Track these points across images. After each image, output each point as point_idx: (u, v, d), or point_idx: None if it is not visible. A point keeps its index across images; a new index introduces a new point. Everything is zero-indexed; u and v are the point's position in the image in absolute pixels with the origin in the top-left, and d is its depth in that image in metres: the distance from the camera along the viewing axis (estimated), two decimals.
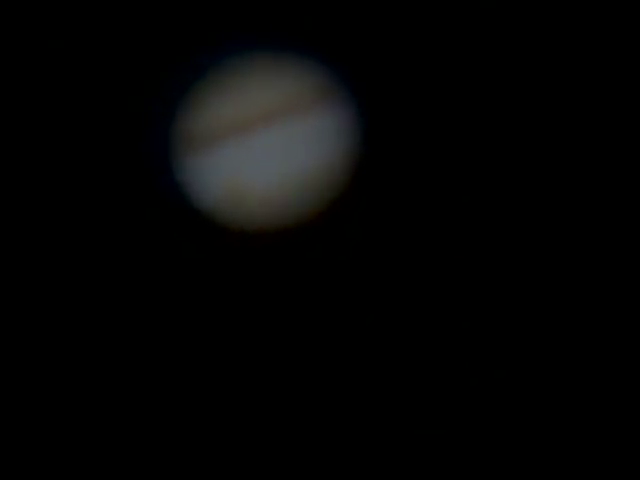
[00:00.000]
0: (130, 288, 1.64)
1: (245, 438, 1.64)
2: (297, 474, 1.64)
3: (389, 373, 1.66)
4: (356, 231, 1.65)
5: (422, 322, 1.66)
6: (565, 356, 1.66)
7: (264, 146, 1.62)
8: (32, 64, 1.62)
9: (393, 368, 1.66)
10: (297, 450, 1.64)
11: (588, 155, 1.67)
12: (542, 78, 1.66)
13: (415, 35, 1.65)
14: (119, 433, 1.63)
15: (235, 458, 1.64)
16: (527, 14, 1.66)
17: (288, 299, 1.65)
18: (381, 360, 1.66)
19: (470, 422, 1.65)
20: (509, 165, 1.66)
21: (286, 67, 1.63)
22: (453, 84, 1.66)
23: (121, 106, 1.63)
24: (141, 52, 1.63)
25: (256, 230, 1.63)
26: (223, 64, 1.62)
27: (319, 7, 1.63)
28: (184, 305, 1.64)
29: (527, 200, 1.67)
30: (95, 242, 1.64)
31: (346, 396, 1.65)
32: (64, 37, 1.62)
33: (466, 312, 1.66)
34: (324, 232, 1.64)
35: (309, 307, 1.65)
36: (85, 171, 1.64)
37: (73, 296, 1.64)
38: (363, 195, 1.64)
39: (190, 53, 1.63)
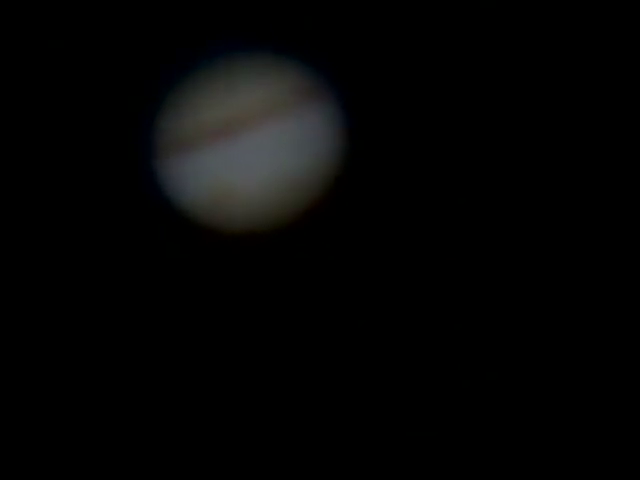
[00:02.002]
0: (116, 290, 1.65)
1: (239, 438, 1.65)
2: (297, 474, 1.64)
3: (381, 375, 1.66)
4: (342, 232, 1.65)
5: (412, 322, 1.66)
6: (565, 356, 1.65)
7: (249, 148, 1.62)
8: (28, 62, 1.64)
9: (385, 370, 1.66)
10: (297, 450, 1.64)
11: (588, 155, 1.66)
12: (529, 71, 1.66)
13: (400, 35, 1.64)
14: (115, 434, 1.65)
15: (235, 458, 1.65)
16: (515, 11, 1.65)
17: (274, 301, 1.65)
18: (371, 361, 1.66)
19: (470, 422, 1.64)
20: (498, 173, 1.66)
21: (271, 68, 1.63)
22: (439, 82, 1.65)
23: (107, 108, 1.64)
24: (126, 55, 1.64)
25: (242, 232, 1.64)
26: (208, 66, 1.63)
27: (304, 8, 1.63)
28: (170, 307, 1.65)
29: (521, 198, 1.66)
30: (81, 245, 1.65)
31: (337, 398, 1.66)
32: (52, 38, 1.63)
33: (460, 311, 1.66)
34: (309, 234, 1.64)
35: (295, 309, 1.65)
36: (71, 173, 1.65)
37: (58, 297, 1.65)
38: (349, 196, 1.64)
39: (175, 55, 1.63)
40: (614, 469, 1.62)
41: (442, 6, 1.63)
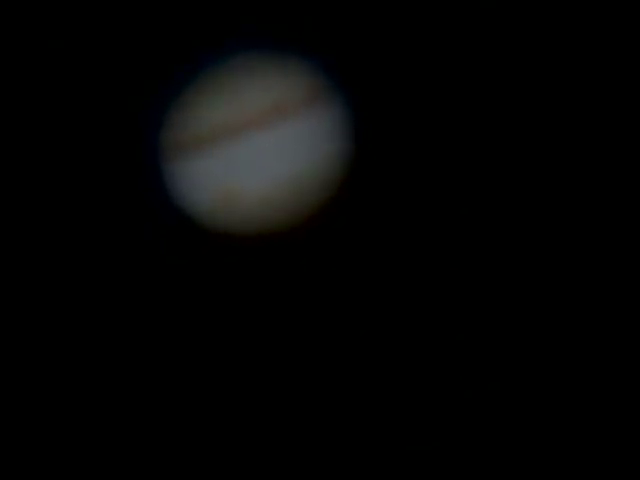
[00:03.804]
0: (122, 293, 1.64)
1: (239, 438, 1.65)
2: (297, 474, 1.64)
3: (385, 375, 1.66)
4: (349, 232, 1.65)
5: (418, 323, 1.66)
6: (565, 356, 1.65)
7: (256, 149, 1.62)
8: (29, 63, 1.63)
9: (389, 370, 1.66)
10: (297, 450, 1.64)
11: (588, 155, 1.66)
12: (533, 72, 1.67)
13: (407, 36, 1.65)
14: (117, 433, 1.64)
15: (235, 458, 1.64)
16: (519, 11, 1.66)
17: (280, 302, 1.65)
18: (376, 361, 1.66)
19: (470, 423, 1.65)
20: (502, 174, 1.66)
21: (278, 69, 1.63)
22: (445, 83, 1.66)
23: (112, 111, 1.64)
24: (133, 56, 1.64)
25: (248, 233, 1.64)
26: (214, 67, 1.63)
27: (312, 9, 1.64)
28: (177, 309, 1.65)
29: (522, 198, 1.67)
30: (87, 248, 1.64)
31: (341, 398, 1.66)
32: (54, 39, 1.62)
33: (463, 313, 1.66)
34: (317, 234, 1.64)
35: (302, 310, 1.65)
36: (77, 176, 1.64)
37: (63, 299, 1.64)
38: (355, 196, 1.64)
39: (181, 56, 1.63)
40: (614, 469, 1.63)
41: (448, 8, 1.64)
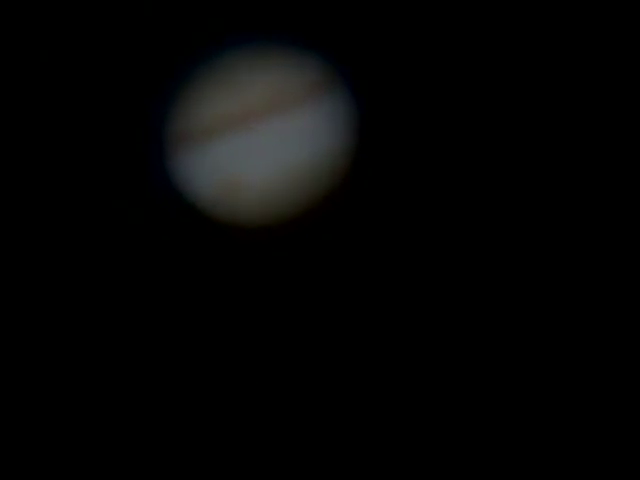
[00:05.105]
0: (126, 284, 1.65)
1: (243, 437, 1.65)
2: (297, 474, 1.64)
3: (386, 372, 1.66)
4: (351, 225, 1.65)
5: (419, 318, 1.66)
6: (565, 356, 1.66)
7: (259, 141, 1.62)
8: (29, 61, 1.63)
9: (390, 367, 1.66)
10: (297, 450, 1.64)
11: (588, 155, 1.67)
12: (538, 74, 1.67)
13: (410, 29, 1.65)
14: (119, 433, 1.64)
15: (235, 458, 1.65)
16: (526, 12, 1.66)
17: (283, 294, 1.65)
18: (378, 358, 1.66)
19: (470, 422, 1.65)
20: (507, 171, 1.67)
21: (281, 62, 1.64)
22: (448, 78, 1.66)
23: (116, 102, 1.64)
24: (135, 49, 1.64)
25: (251, 225, 1.64)
26: (217, 60, 1.63)
27: (314, 2, 1.64)
28: (180, 300, 1.65)
29: (524, 197, 1.67)
30: (90, 239, 1.64)
31: (343, 396, 1.66)
32: (57, 35, 1.63)
33: (464, 312, 1.66)
34: (319, 227, 1.64)
35: (304, 302, 1.65)
36: (80, 167, 1.65)
37: (68, 292, 1.65)
38: (358, 189, 1.65)
39: (184, 49, 1.64)
40: (614, 469, 1.63)
41: (451, 2, 1.64)
